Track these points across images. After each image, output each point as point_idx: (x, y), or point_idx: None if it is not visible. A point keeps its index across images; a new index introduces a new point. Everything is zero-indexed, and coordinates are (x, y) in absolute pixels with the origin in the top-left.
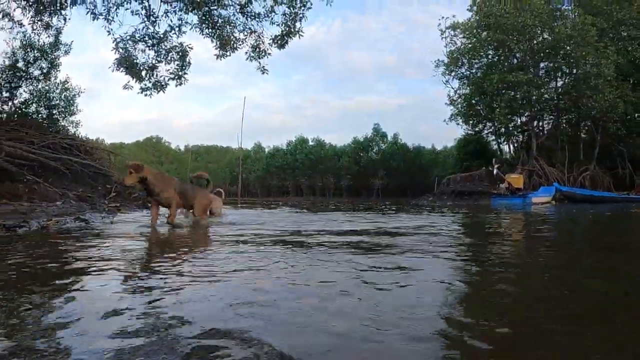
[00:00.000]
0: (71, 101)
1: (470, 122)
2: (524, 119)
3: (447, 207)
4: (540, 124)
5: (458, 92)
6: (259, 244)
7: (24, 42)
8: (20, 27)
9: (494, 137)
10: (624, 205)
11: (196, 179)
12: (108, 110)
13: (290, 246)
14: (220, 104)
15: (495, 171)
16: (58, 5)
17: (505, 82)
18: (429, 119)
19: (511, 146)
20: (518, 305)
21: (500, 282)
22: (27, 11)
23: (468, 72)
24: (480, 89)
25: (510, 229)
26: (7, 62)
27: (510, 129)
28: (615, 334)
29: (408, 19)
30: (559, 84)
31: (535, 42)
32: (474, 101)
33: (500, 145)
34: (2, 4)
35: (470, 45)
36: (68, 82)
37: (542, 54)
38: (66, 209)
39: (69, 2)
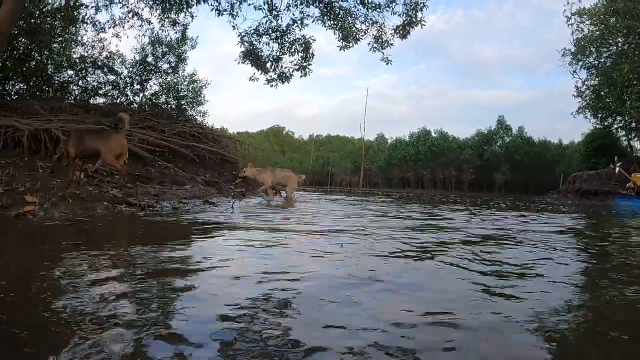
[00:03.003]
0: (198, 92)
1: (599, 115)
2: None
3: (567, 207)
4: None
5: (586, 83)
6: None
7: (153, 39)
8: (149, 25)
9: (624, 133)
10: None
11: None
12: (231, 102)
13: None
14: (342, 94)
15: (617, 170)
16: (185, 3)
17: (637, 73)
18: (556, 112)
19: None
20: None
21: None
22: (155, 10)
23: (597, 62)
24: (610, 80)
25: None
26: (137, 58)
27: None
28: None
29: (533, 8)
30: None
31: None
32: (603, 93)
33: (631, 142)
34: (132, 4)
35: (598, 33)
36: (195, 75)
37: None
38: (195, 192)
39: (195, 0)
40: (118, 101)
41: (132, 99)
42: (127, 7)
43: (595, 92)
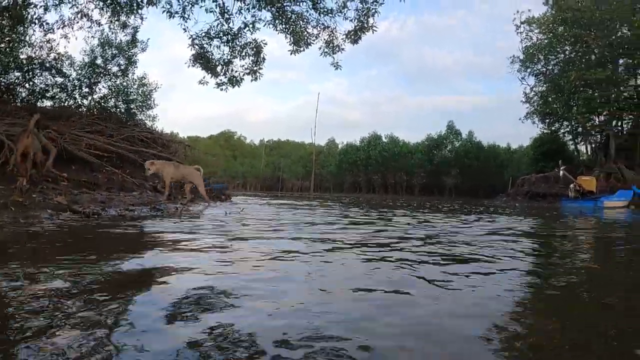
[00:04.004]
0: (148, 96)
1: (547, 120)
2: (602, 118)
3: (515, 209)
4: (620, 123)
5: (534, 89)
6: None
7: (102, 40)
8: (99, 26)
9: (570, 137)
10: None
11: None
12: (183, 105)
13: None
14: (294, 99)
15: (561, 173)
16: (135, 5)
17: (583, 80)
18: (504, 117)
19: (588, 147)
20: None
21: None
22: (105, 11)
23: (544, 69)
24: (557, 86)
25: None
26: (86, 59)
27: (588, 128)
28: None
29: (484, 16)
30: (639, 81)
31: (613, 37)
32: (550, 99)
33: (577, 146)
34: (81, 4)
35: (546, 41)
36: (145, 78)
37: (621, 50)
38: (143, 199)
39: (145, 1)
40: (66, 104)
41: (80, 102)
42: (77, 8)
43: (542, 97)
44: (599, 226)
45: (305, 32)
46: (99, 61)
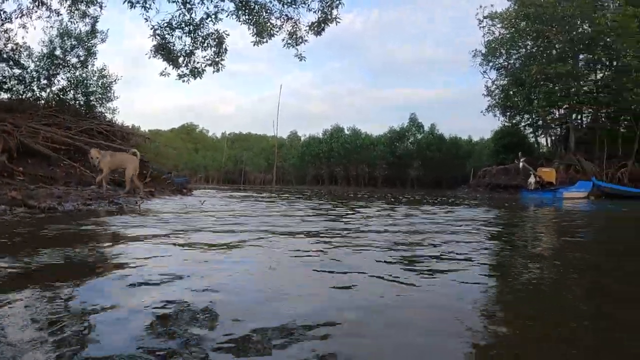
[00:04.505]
0: (108, 88)
1: (508, 114)
2: (562, 111)
3: (476, 200)
4: (579, 117)
5: (495, 83)
6: None
7: (61, 31)
8: (58, 16)
9: (531, 130)
10: None
11: None
12: (147, 98)
13: None
14: (257, 91)
15: (521, 165)
16: None
17: (544, 74)
18: (466, 110)
19: (548, 139)
20: None
21: None
22: (64, 0)
23: (506, 63)
24: (518, 80)
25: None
26: (45, 50)
27: (548, 121)
28: None
29: (448, 10)
30: (599, 76)
31: (574, 33)
32: (511, 92)
33: (538, 139)
34: None
35: (508, 36)
36: (105, 70)
37: (581, 45)
38: (101, 193)
39: None
40: (24, 96)
41: (38, 94)
42: None
43: (504, 91)
44: (556, 215)
45: (269, 23)
46: (57, 52)
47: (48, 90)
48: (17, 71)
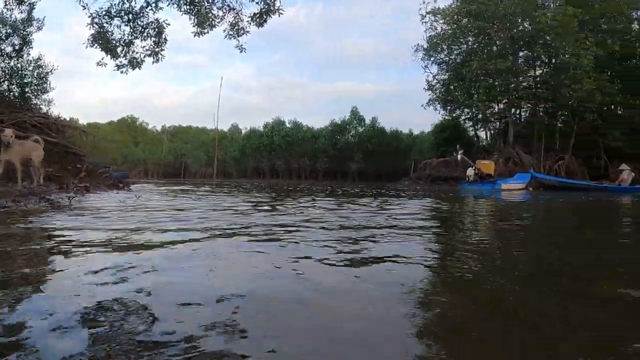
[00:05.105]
0: (44, 79)
1: (448, 107)
2: (501, 106)
3: (413, 192)
4: (518, 111)
5: (436, 77)
6: None
7: None
8: None
9: (471, 124)
10: (599, 193)
11: None
12: (85, 90)
13: None
14: (198, 83)
15: (459, 157)
16: None
17: (484, 69)
18: (407, 104)
19: (488, 133)
20: None
21: None
22: None
23: (447, 58)
24: (459, 75)
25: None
26: None
27: (488, 115)
28: None
29: (392, 5)
30: (538, 72)
31: (515, 30)
32: (452, 87)
33: (477, 132)
34: None
35: (450, 31)
36: (41, 60)
37: (521, 43)
38: (33, 189)
39: None
40: None
41: None
42: None
43: (444, 85)
44: (493, 206)
45: (210, 14)
46: None
47: None
48: None
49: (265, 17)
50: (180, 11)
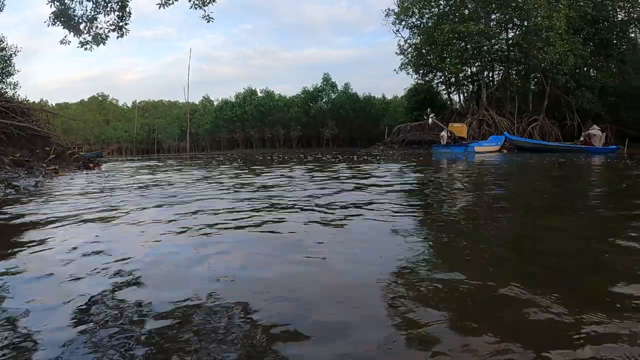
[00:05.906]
0: (8, 62)
1: (421, 71)
2: (474, 69)
3: (390, 156)
4: (491, 74)
5: (408, 41)
6: None
7: None
8: None
9: (444, 87)
10: (571, 154)
11: None
12: (51, 70)
13: None
14: (165, 56)
15: (430, 120)
16: None
17: (456, 33)
18: (379, 69)
19: (461, 96)
20: None
21: None
22: None
23: (419, 22)
24: (431, 38)
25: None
26: None
27: (461, 79)
28: None
29: None
30: (510, 35)
31: None
32: (424, 51)
33: (450, 95)
34: None
35: None
36: (3, 42)
37: (493, 5)
38: None
39: None
40: None
41: None
42: None
43: (417, 49)
44: (467, 168)
45: None
46: None
47: None
48: None
49: None
50: None
